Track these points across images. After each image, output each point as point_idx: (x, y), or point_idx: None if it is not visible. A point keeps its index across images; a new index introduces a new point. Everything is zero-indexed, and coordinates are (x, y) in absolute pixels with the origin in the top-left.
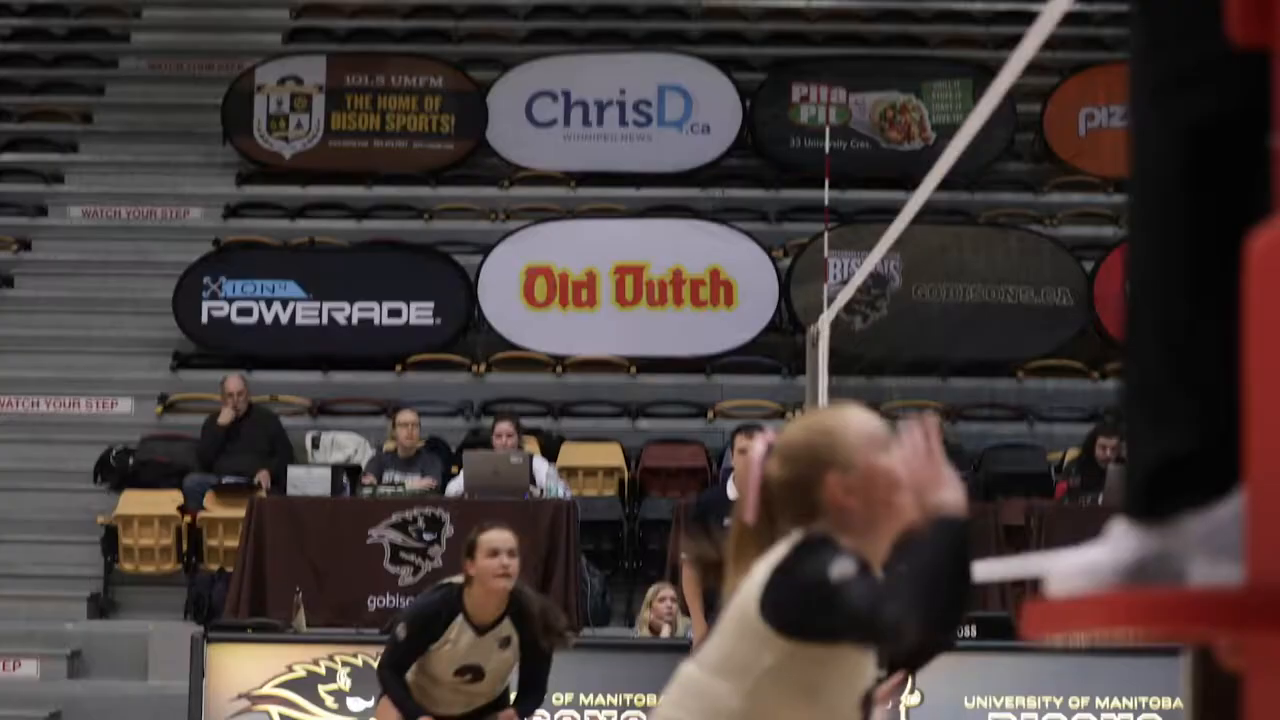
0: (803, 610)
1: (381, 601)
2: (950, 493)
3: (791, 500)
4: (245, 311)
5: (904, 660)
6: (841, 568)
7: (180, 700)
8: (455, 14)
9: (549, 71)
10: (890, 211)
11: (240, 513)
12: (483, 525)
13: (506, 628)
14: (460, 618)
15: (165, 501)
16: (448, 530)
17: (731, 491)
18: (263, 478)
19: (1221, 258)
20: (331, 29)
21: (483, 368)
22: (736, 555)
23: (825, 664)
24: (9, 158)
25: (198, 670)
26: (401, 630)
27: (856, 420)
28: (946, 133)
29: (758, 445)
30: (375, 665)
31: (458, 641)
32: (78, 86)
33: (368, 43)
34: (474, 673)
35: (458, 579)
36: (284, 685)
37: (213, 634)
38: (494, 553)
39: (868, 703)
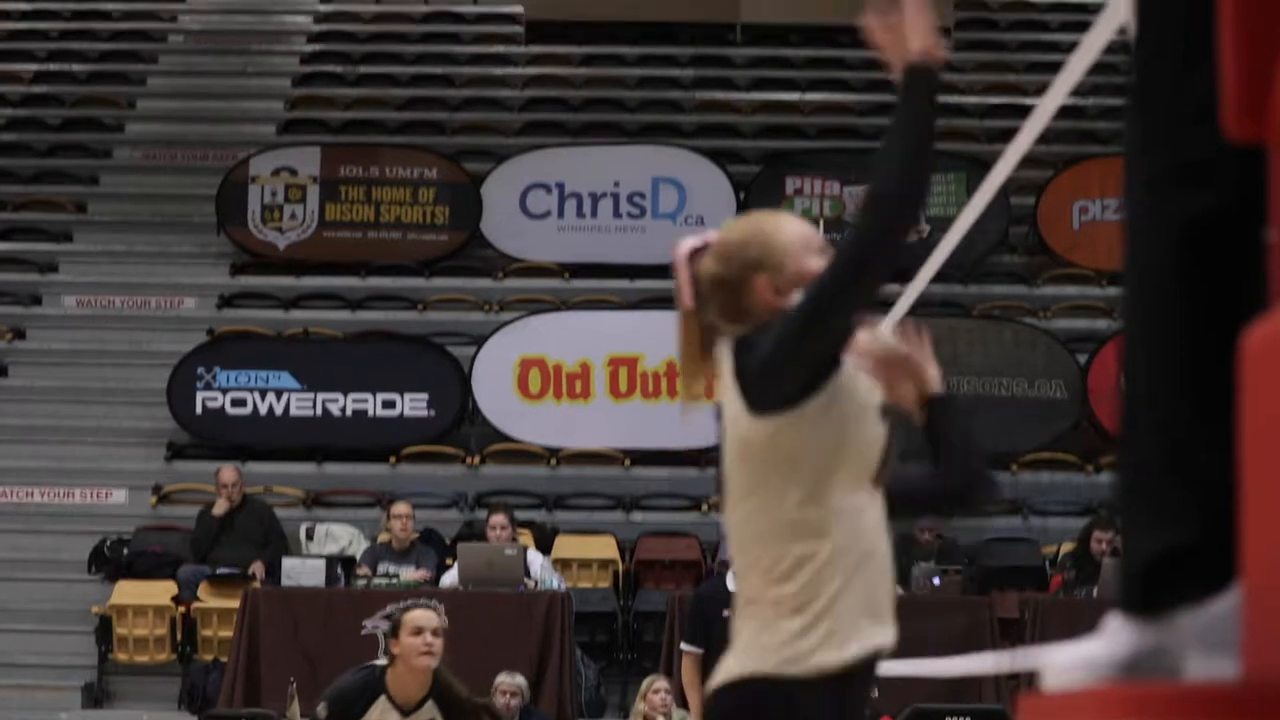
0: (790, 340)
1: None
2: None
3: (721, 297)
4: (239, 402)
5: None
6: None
7: None
8: (449, 106)
9: (543, 163)
10: (885, 304)
11: (235, 603)
12: (407, 604)
13: (430, 710)
14: (383, 698)
15: (159, 592)
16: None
17: (730, 584)
18: (257, 569)
19: (1217, 352)
20: (326, 120)
21: (477, 460)
22: (684, 355)
23: (839, 437)
24: (3, 246)
25: None
26: (322, 710)
27: (790, 225)
28: (940, 225)
29: (687, 241)
30: None
31: None
32: (72, 176)
33: (362, 134)
34: None
35: (381, 660)
36: None
37: None
38: (418, 631)
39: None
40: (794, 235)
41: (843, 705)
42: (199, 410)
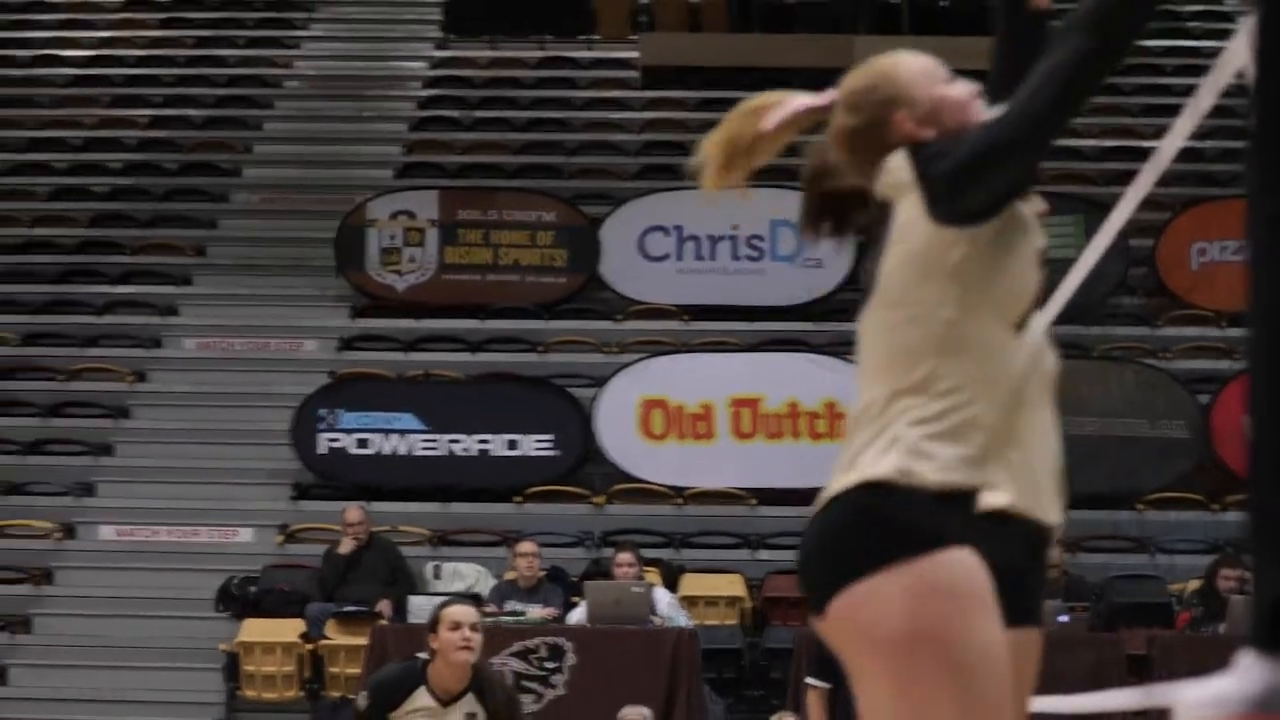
0: (993, 148)
1: None
2: None
3: (863, 148)
4: (363, 443)
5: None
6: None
7: None
8: (566, 150)
9: (661, 206)
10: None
11: (362, 640)
12: (446, 600)
13: (471, 703)
14: (422, 688)
15: (287, 629)
16: (570, 659)
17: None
18: (384, 606)
19: None
20: (443, 164)
21: (603, 499)
22: (728, 144)
23: (1003, 265)
24: (124, 290)
25: None
26: (362, 698)
27: (908, 58)
28: (1060, 268)
29: (800, 99)
30: None
31: (420, 712)
32: (191, 220)
33: (479, 178)
34: None
35: (424, 654)
36: None
37: None
38: (456, 626)
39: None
40: (917, 67)
41: (976, 541)
42: (322, 451)
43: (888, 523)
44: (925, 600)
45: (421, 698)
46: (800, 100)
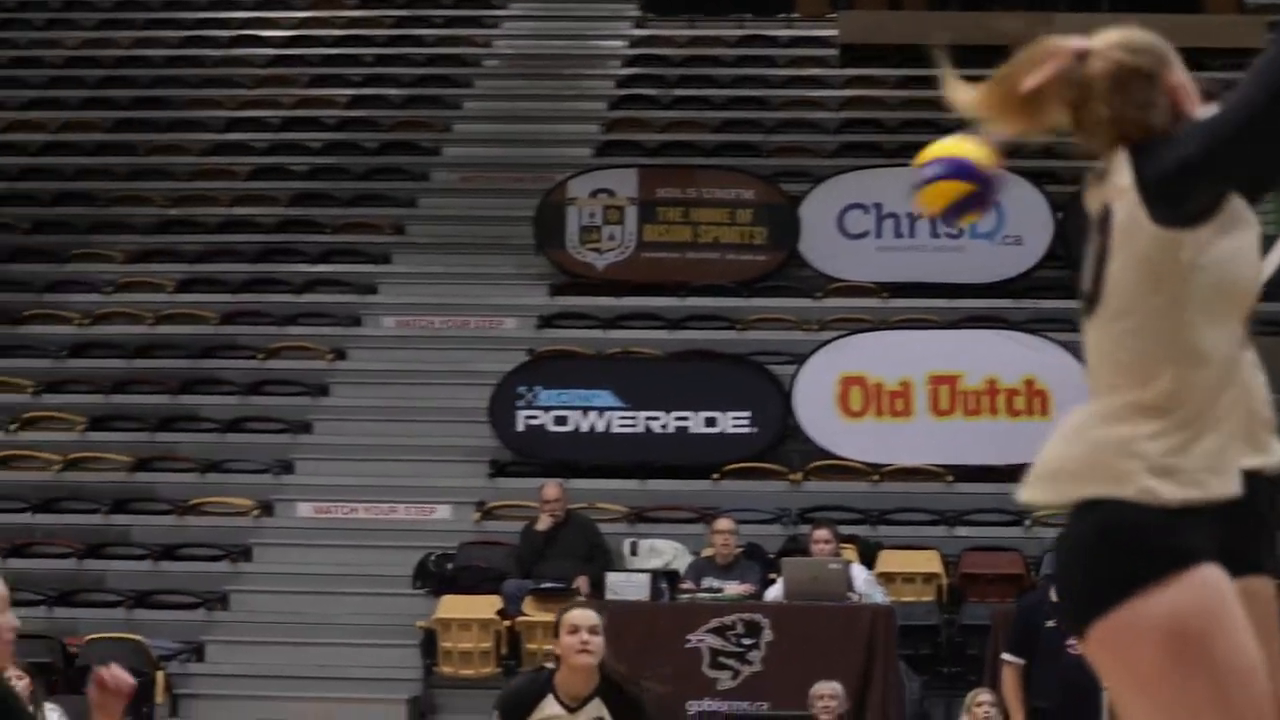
0: (1220, 148)
1: (701, 705)
2: None
3: (1133, 89)
4: (561, 420)
5: None
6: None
7: None
8: (765, 128)
9: (860, 184)
10: None
11: None
12: (568, 605)
13: (597, 707)
14: (550, 696)
15: (484, 606)
16: (767, 635)
17: (1054, 594)
18: (581, 583)
19: None
20: (641, 142)
21: (800, 476)
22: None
23: (1231, 262)
24: (323, 269)
25: None
26: (496, 717)
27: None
28: (1265, 244)
29: (1071, 41)
30: None
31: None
32: (390, 199)
33: (678, 156)
34: None
35: (551, 664)
36: None
37: None
38: (574, 630)
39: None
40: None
41: (1220, 538)
42: (520, 428)
43: (1136, 545)
44: (1183, 626)
45: (549, 706)
46: (1070, 45)
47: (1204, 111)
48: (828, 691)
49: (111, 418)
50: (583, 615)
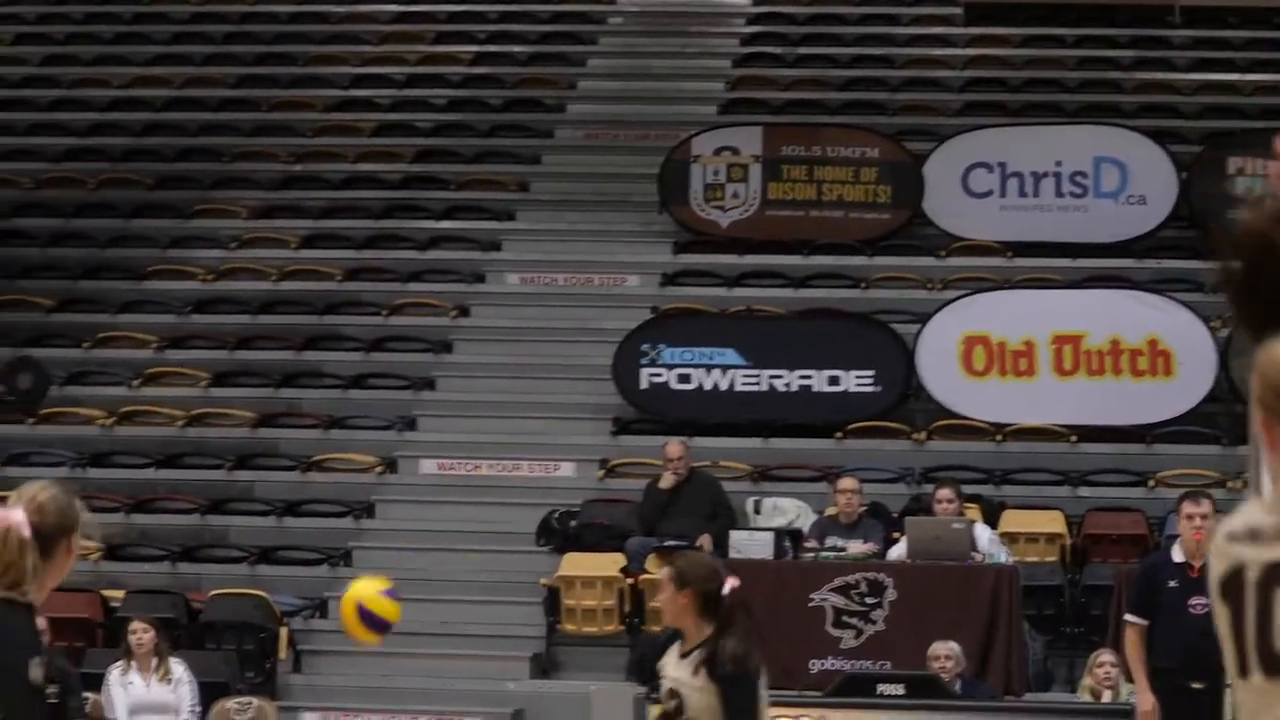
0: None
1: (823, 664)
2: None
3: None
4: (685, 378)
5: None
6: None
7: None
8: (889, 86)
9: (984, 143)
10: None
11: None
12: None
13: (700, 654)
14: (677, 643)
15: (607, 563)
16: (890, 594)
17: (1176, 555)
18: (704, 541)
19: None
20: (766, 100)
21: (923, 435)
22: None
23: None
24: (447, 225)
25: None
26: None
27: None
28: None
29: None
30: None
31: (668, 665)
32: (514, 155)
33: (803, 114)
34: (678, 700)
35: None
36: None
37: (654, 695)
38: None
39: None
40: None
41: None
42: (644, 385)
43: None
44: None
45: (673, 652)
46: None
47: None
48: (944, 652)
49: (235, 373)
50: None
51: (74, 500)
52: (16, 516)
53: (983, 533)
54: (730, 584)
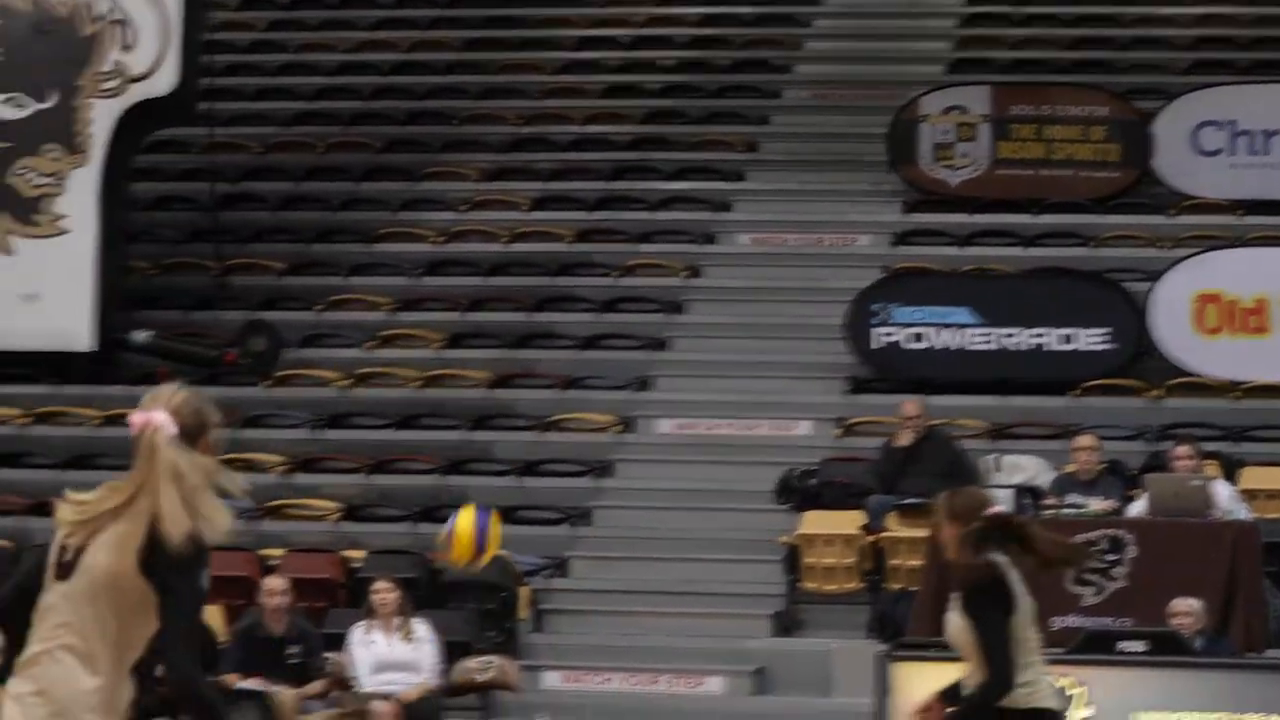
0: None
1: (1064, 621)
2: None
3: None
4: (917, 337)
5: None
6: None
7: (863, 718)
8: (1117, 45)
9: (1213, 101)
10: None
11: (922, 532)
12: None
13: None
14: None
15: (847, 521)
16: (1130, 551)
17: None
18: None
19: None
20: (993, 59)
21: (1160, 392)
22: None
23: None
24: (678, 186)
25: (881, 688)
26: None
27: None
28: None
29: None
30: (1057, 685)
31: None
32: (742, 116)
33: (1031, 73)
34: None
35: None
36: None
37: (896, 652)
38: None
39: None
40: None
41: None
42: (876, 345)
43: None
44: None
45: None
46: None
47: None
48: (1185, 608)
49: (469, 335)
50: None
51: (208, 404)
52: (159, 417)
53: (1222, 489)
54: (996, 510)
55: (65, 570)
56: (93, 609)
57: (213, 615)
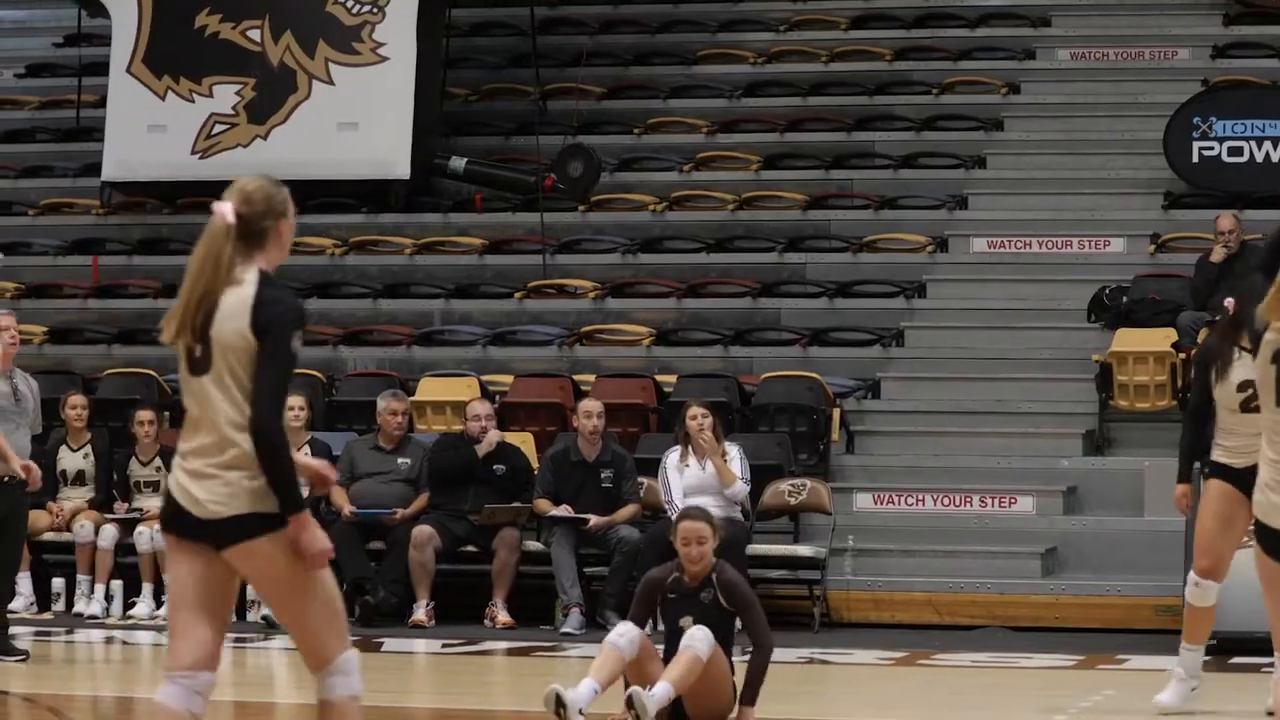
0: None
1: None
2: None
3: None
4: (1236, 150)
5: None
6: None
7: (1175, 537)
8: None
9: None
10: None
11: None
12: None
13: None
14: None
15: (1159, 339)
16: None
17: None
18: None
19: None
20: None
21: None
22: None
23: None
24: (997, 2)
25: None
26: None
27: None
28: None
29: None
30: None
31: None
32: None
33: None
34: None
35: None
36: None
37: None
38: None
39: None
40: None
41: None
42: (1195, 159)
43: None
44: None
45: None
46: None
47: None
48: None
49: (785, 155)
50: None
51: (282, 190)
52: (224, 207)
53: None
54: None
55: None
56: None
57: (525, 440)
